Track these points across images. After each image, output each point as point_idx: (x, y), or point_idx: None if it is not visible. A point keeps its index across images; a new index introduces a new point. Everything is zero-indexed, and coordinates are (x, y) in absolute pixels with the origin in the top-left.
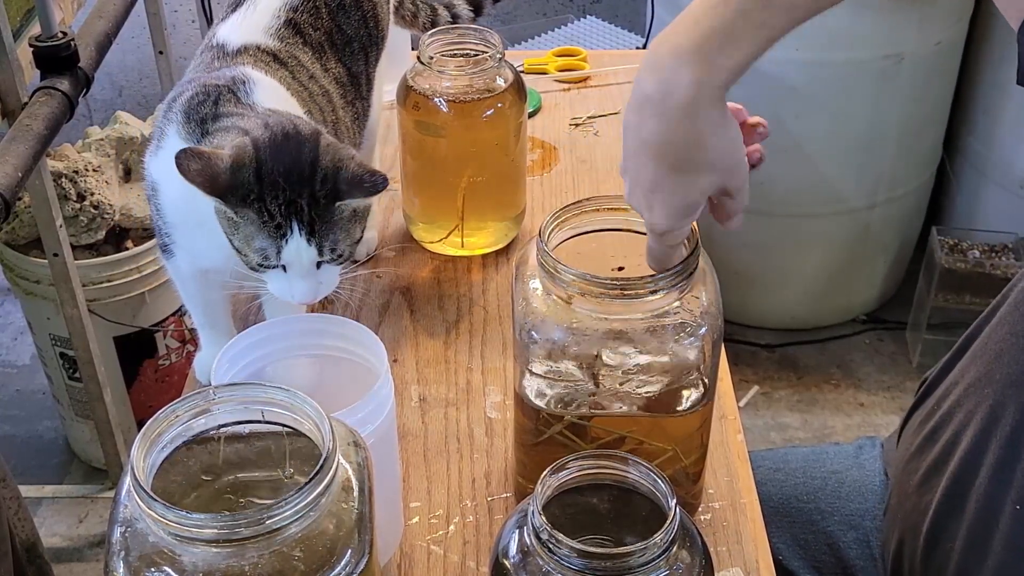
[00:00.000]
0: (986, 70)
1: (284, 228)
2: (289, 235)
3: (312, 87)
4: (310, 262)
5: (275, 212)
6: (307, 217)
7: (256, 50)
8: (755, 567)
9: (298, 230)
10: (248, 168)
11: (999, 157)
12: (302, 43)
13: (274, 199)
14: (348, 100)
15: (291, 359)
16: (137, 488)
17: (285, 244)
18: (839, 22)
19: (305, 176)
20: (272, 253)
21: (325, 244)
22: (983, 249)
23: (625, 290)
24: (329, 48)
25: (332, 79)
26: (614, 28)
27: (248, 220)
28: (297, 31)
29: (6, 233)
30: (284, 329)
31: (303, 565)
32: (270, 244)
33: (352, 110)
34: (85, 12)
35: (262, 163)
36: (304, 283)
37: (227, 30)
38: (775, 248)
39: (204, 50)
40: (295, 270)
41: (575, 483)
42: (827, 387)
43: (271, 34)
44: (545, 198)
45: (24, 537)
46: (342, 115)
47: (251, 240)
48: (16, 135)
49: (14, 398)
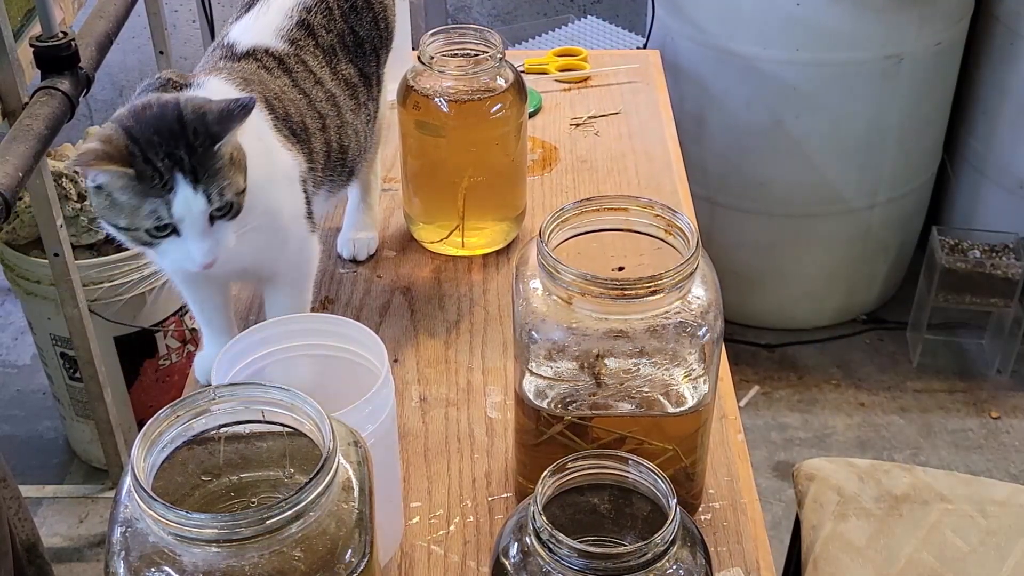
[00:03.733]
0: (986, 70)
1: (169, 181)
2: (175, 187)
3: (316, 93)
4: (201, 214)
5: (158, 165)
6: (188, 166)
7: (264, 54)
8: (755, 567)
9: (183, 180)
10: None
11: (999, 157)
12: (314, 45)
13: (155, 154)
14: (360, 102)
15: (291, 359)
16: (137, 488)
17: (174, 197)
18: (839, 22)
19: (175, 130)
20: (163, 211)
21: (212, 191)
22: (983, 249)
23: (625, 290)
24: (341, 50)
25: (341, 82)
26: (614, 28)
27: (132, 187)
28: (310, 32)
29: (7, 233)
30: (284, 329)
31: (303, 565)
32: (159, 202)
33: (364, 111)
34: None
35: (129, 130)
36: (201, 243)
37: (239, 30)
38: (775, 248)
39: (215, 47)
40: (189, 228)
41: (575, 483)
42: (827, 387)
43: (282, 36)
44: (545, 198)
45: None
46: (350, 119)
47: (139, 208)
48: (17, 135)
49: (14, 398)
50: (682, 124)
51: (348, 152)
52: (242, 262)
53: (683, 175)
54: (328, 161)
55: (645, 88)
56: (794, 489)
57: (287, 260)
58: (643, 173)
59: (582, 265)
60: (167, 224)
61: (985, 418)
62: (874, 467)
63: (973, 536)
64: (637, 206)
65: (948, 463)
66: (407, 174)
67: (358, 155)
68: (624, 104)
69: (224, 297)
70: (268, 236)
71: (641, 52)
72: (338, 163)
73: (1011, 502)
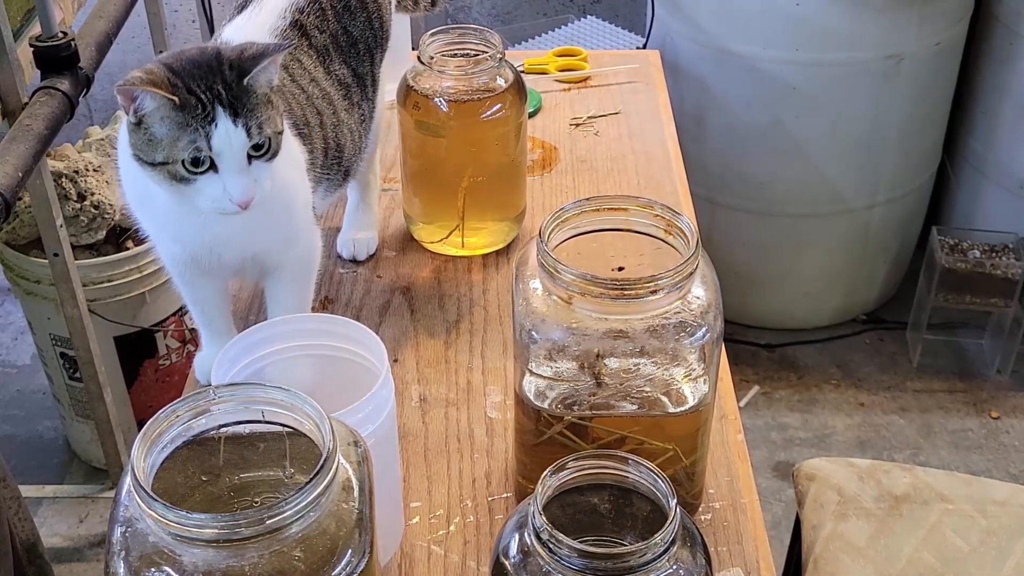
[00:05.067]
0: (986, 70)
1: (211, 112)
2: (215, 119)
3: (312, 90)
4: (241, 148)
5: (201, 96)
6: (227, 100)
7: None
8: (755, 567)
9: (223, 113)
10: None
11: (999, 157)
12: (307, 45)
13: (197, 85)
14: (353, 102)
15: (291, 359)
16: (137, 488)
17: (215, 128)
18: (839, 22)
19: (213, 65)
20: (203, 143)
21: (252, 125)
22: (983, 249)
23: (625, 290)
24: (334, 50)
25: (335, 82)
26: (614, 28)
27: (172, 118)
28: (303, 33)
29: (6, 233)
30: (284, 329)
31: (303, 565)
32: (199, 134)
33: (358, 111)
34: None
35: (170, 66)
36: (239, 179)
37: (232, 30)
38: (775, 248)
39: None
40: (227, 163)
41: (575, 483)
42: (827, 387)
43: (276, 36)
44: (545, 198)
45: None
46: (344, 118)
47: (178, 139)
48: (16, 135)
49: (14, 398)
50: (682, 124)
51: (344, 151)
52: (253, 247)
53: (683, 175)
54: (325, 159)
55: (645, 88)
56: (794, 489)
57: (294, 252)
58: (643, 173)
59: (582, 265)
60: (205, 158)
61: (985, 418)
62: (874, 467)
63: (973, 536)
64: (637, 206)
65: (948, 463)
66: (407, 174)
67: (354, 155)
68: (624, 104)
69: (223, 297)
70: (281, 219)
71: (641, 52)
72: (335, 162)
73: (1011, 502)
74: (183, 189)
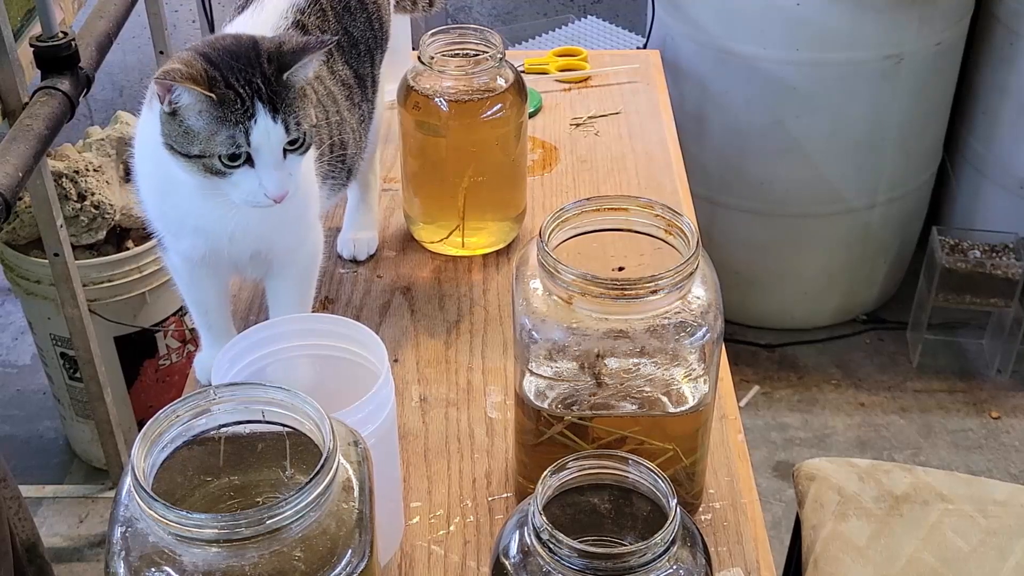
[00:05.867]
0: (986, 70)
1: (250, 108)
2: (255, 114)
3: (316, 88)
4: (279, 143)
5: (241, 92)
6: (266, 95)
7: None
8: (755, 567)
9: (262, 108)
10: (198, 63)
11: (999, 157)
12: None
13: (236, 80)
14: (355, 102)
15: (291, 359)
16: (138, 488)
17: (254, 124)
18: (839, 22)
19: (251, 58)
20: (241, 138)
21: (290, 121)
22: (983, 249)
23: (625, 290)
24: (336, 50)
25: (338, 81)
26: (614, 28)
27: (211, 113)
28: (304, 33)
29: (7, 233)
30: (284, 329)
31: (304, 565)
32: (238, 129)
33: (359, 112)
34: (86, 12)
35: (207, 56)
36: (275, 173)
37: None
38: (775, 248)
39: None
40: (264, 158)
41: (576, 483)
42: (827, 387)
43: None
44: (545, 198)
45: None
46: (347, 116)
47: (216, 134)
48: (16, 135)
49: (14, 398)
50: (682, 124)
51: (347, 150)
52: (270, 239)
53: (683, 175)
54: (331, 157)
55: (645, 88)
56: (794, 489)
57: (302, 249)
58: (643, 173)
59: (582, 265)
60: (243, 153)
61: (985, 418)
62: (874, 467)
63: (973, 536)
64: (637, 206)
65: (948, 463)
66: (407, 174)
67: (355, 154)
68: (624, 104)
69: (223, 297)
70: (299, 213)
71: (641, 52)
72: (338, 160)
73: (1011, 502)
74: (217, 182)
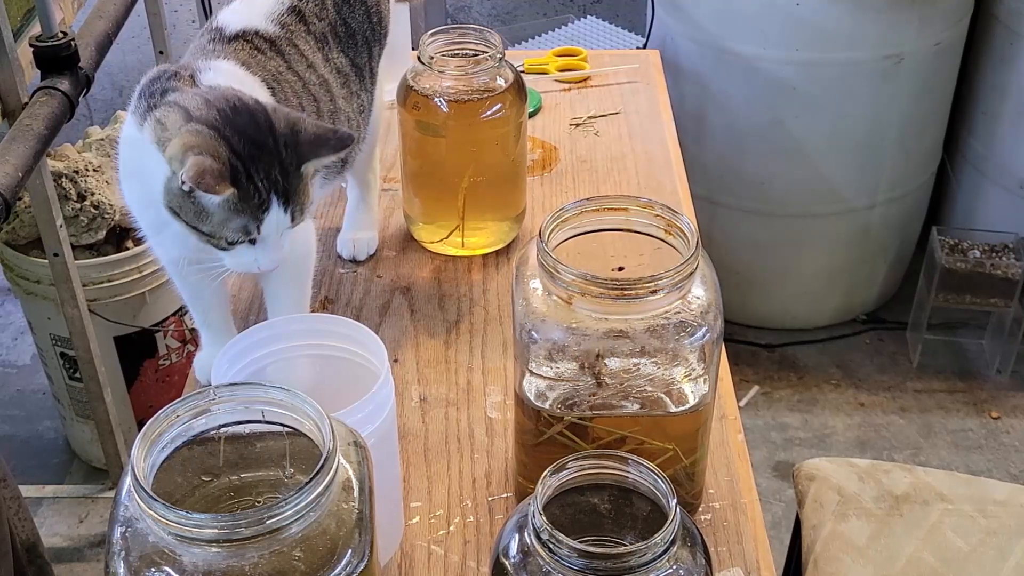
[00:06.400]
0: (986, 70)
1: (266, 201)
2: (269, 207)
3: (309, 76)
4: (284, 230)
5: (259, 186)
6: (281, 187)
7: (254, 35)
8: (755, 567)
9: (275, 201)
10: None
11: (999, 157)
12: (305, 31)
13: (256, 171)
14: (352, 91)
15: (291, 359)
16: (137, 488)
17: (266, 216)
18: (839, 22)
19: (269, 146)
20: (253, 228)
21: (296, 210)
22: (983, 249)
23: (625, 290)
24: (332, 39)
25: (333, 69)
26: (614, 28)
27: (229, 204)
28: (301, 19)
29: (6, 233)
30: (284, 329)
31: (303, 565)
32: (250, 220)
33: (357, 101)
34: (85, 12)
35: (228, 141)
36: (274, 253)
37: (229, 14)
38: (775, 248)
39: (203, 32)
40: (267, 241)
41: (575, 483)
42: (827, 387)
43: (272, 20)
44: (545, 198)
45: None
46: (342, 105)
47: (228, 221)
48: (16, 135)
49: (14, 398)
50: (682, 124)
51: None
52: None
53: (683, 175)
54: None
55: (645, 88)
56: (794, 489)
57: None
58: (643, 173)
59: (582, 265)
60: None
61: (985, 418)
62: (874, 467)
63: (973, 536)
64: (637, 206)
65: (948, 463)
66: (407, 174)
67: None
68: (624, 104)
69: (223, 297)
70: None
71: (641, 52)
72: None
73: (1011, 502)
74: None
